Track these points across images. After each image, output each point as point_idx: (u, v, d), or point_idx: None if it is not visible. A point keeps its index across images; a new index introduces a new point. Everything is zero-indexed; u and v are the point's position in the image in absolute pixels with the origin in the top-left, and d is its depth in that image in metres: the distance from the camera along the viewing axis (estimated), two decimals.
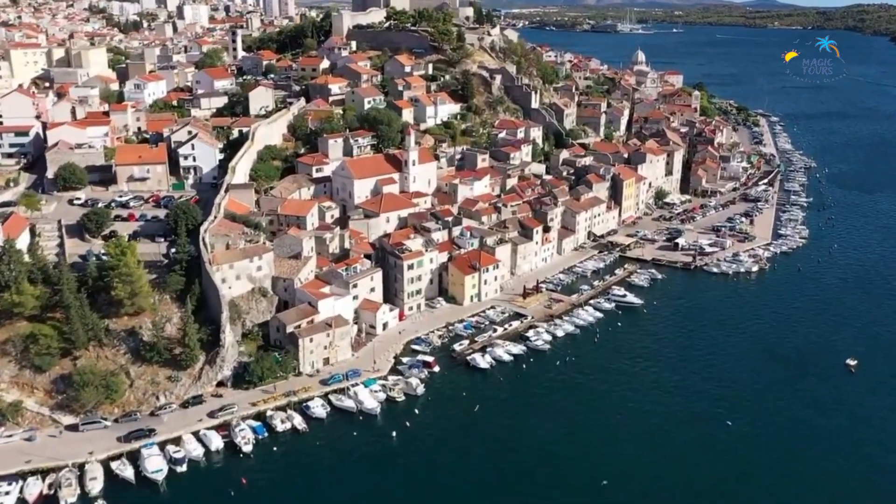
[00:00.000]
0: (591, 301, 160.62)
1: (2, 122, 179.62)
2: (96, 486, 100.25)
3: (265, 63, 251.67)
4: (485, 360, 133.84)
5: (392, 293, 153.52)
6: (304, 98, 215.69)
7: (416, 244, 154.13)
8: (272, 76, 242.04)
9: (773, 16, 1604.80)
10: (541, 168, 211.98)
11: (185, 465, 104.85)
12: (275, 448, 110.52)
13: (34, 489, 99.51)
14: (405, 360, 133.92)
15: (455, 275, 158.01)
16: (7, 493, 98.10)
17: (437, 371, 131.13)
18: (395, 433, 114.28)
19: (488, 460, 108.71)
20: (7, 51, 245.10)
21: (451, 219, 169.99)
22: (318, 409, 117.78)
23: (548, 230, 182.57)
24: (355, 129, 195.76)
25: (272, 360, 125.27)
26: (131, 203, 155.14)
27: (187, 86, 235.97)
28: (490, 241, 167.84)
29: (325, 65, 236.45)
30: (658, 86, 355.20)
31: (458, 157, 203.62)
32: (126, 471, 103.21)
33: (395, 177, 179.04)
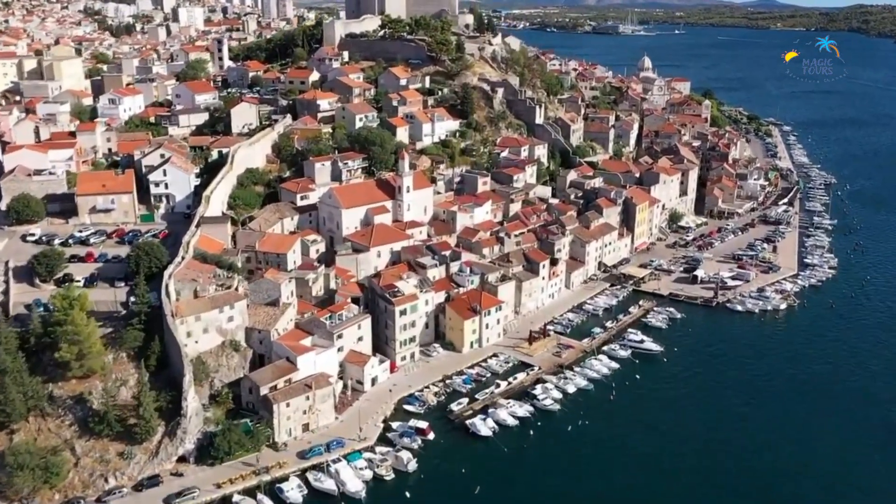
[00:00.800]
0: (605, 347, 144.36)
1: None
2: None
3: (251, 75, 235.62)
4: (486, 426, 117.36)
5: (382, 341, 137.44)
6: (290, 115, 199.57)
7: (410, 286, 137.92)
8: (258, 89, 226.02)
9: (775, 17, 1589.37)
10: (546, 191, 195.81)
11: None
12: None
13: None
14: (396, 425, 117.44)
15: (453, 319, 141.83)
16: None
17: (431, 439, 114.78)
18: None
19: None
20: None
21: (448, 253, 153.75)
22: (292, 493, 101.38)
23: (555, 263, 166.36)
24: (345, 149, 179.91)
25: (242, 429, 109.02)
26: (91, 239, 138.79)
27: (168, 99, 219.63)
28: (492, 279, 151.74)
29: (314, 77, 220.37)
30: (665, 93, 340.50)
31: (457, 179, 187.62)
32: None
33: (388, 205, 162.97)
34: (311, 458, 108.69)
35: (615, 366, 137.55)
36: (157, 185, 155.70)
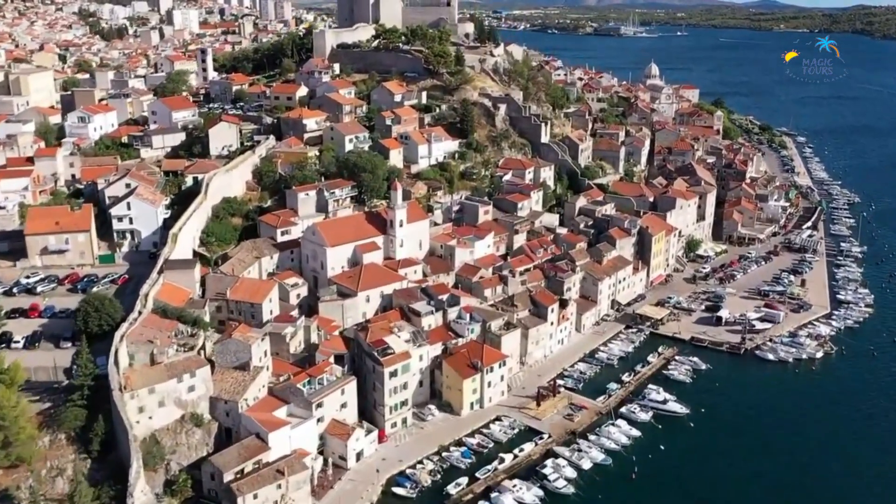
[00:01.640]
0: (623, 408, 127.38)
1: None
2: None
3: (235, 88, 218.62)
4: None
5: (370, 403, 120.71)
6: (274, 135, 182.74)
7: (401, 342, 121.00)
8: (242, 104, 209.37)
9: (777, 18, 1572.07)
10: (553, 219, 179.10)
11: None
12: None
13: None
14: None
15: (451, 377, 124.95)
16: None
17: None
18: None
19: None
20: None
21: (446, 297, 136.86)
22: None
23: (565, 305, 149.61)
24: (333, 175, 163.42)
25: None
26: (39, 287, 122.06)
27: (144, 116, 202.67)
28: (495, 326, 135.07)
29: (302, 92, 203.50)
30: (674, 101, 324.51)
31: (456, 208, 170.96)
32: None
33: (379, 241, 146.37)
34: None
35: (636, 433, 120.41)
36: (119, 219, 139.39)
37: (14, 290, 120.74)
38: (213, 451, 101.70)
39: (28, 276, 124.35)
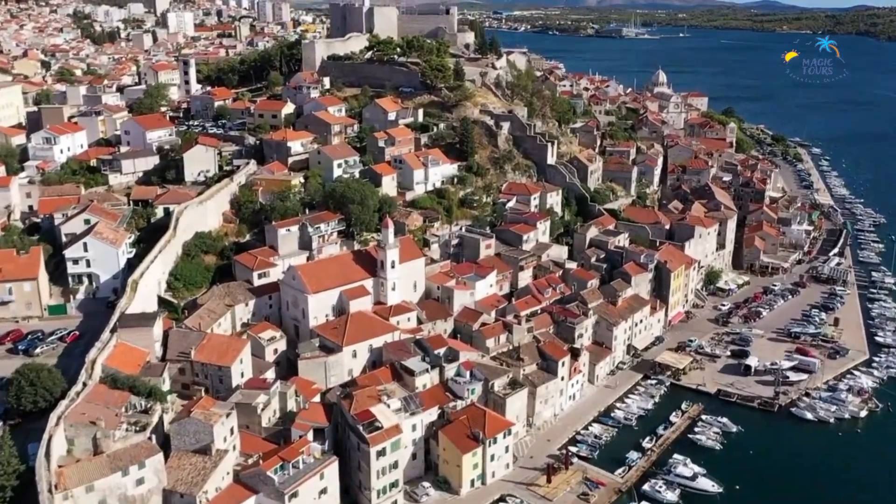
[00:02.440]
0: (647, 485, 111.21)
1: None
2: None
3: (217, 104, 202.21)
4: None
5: (355, 483, 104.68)
6: (256, 159, 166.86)
7: (391, 414, 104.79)
8: (224, 122, 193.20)
9: (780, 19, 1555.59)
10: (562, 252, 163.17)
11: None
12: None
13: None
14: None
15: (449, 450, 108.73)
16: None
17: None
18: None
19: None
20: None
21: (443, 351, 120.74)
22: None
23: (577, 355, 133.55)
24: (318, 206, 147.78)
25: None
26: None
27: (117, 135, 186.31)
28: (498, 386, 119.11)
29: (288, 110, 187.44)
30: (682, 111, 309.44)
31: (455, 241, 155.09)
32: None
33: (368, 284, 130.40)
34: None
35: None
36: (75, 262, 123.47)
37: None
38: None
39: None
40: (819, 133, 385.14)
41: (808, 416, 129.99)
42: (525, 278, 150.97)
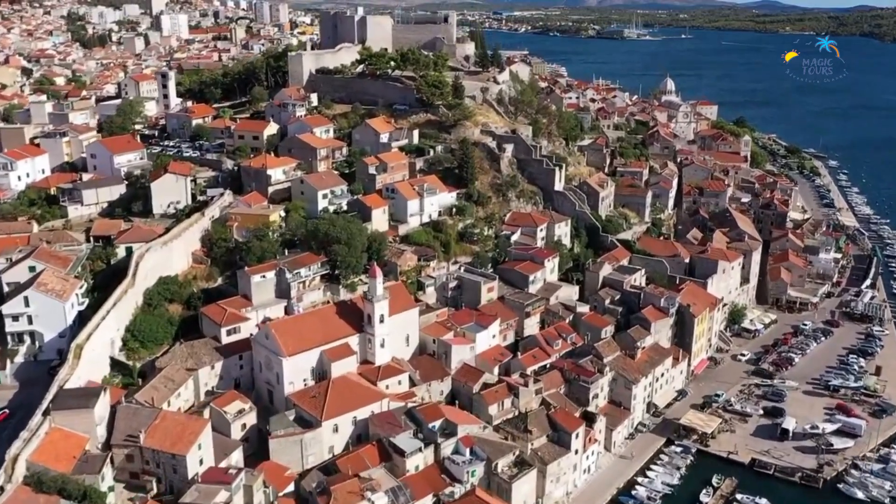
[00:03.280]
0: None
1: None
2: None
3: (195, 122, 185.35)
4: None
5: None
6: (232, 189, 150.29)
7: None
8: (201, 142, 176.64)
9: (783, 20, 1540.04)
10: (572, 292, 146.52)
11: None
12: None
13: None
14: None
15: None
16: None
17: None
18: None
19: None
20: None
21: (438, 424, 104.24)
22: None
23: (592, 421, 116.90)
24: (300, 244, 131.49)
25: None
26: None
27: (83, 158, 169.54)
28: (502, 465, 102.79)
29: (271, 130, 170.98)
30: (691, 120, 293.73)
31: (453, 284, 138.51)
32: None
33: (353, 341, 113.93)
34: None
35: None
36: (15, 319, 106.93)
37: None
38: None
39: None
40: (833, 142, 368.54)
41: (859, 494, 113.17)
42: (531, 325, 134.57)
